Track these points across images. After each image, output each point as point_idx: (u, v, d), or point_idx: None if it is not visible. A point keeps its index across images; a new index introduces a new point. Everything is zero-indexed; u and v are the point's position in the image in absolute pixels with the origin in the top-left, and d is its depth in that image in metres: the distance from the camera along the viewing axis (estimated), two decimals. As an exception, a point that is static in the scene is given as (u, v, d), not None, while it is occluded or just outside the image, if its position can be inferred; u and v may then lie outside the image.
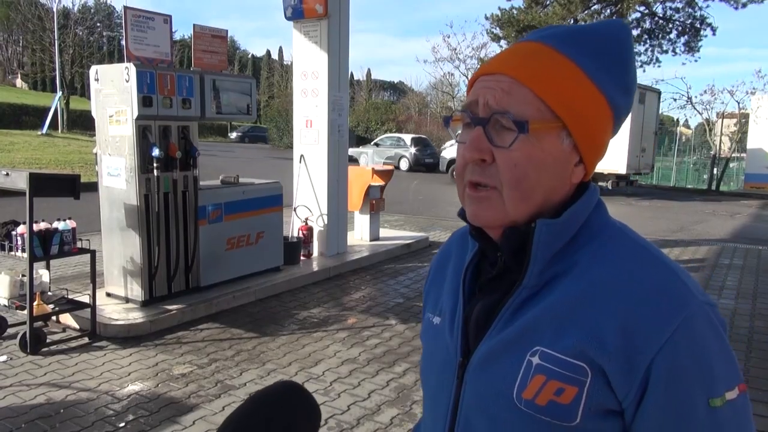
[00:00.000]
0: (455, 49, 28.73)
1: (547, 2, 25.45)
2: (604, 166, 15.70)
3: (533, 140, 0.75)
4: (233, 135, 43.78)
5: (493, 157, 0.76)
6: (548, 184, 0.77)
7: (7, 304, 4.28)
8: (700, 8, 24.41)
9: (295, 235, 6.62)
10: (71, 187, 4.14)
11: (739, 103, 20.46)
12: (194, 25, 5.23)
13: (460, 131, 0.84)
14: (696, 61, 25.01)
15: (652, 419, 0.71)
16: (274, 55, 73.61)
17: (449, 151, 20.14)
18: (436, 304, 0.94)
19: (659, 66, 26.69)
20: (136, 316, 4.57)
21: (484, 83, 0.79)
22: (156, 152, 4.56)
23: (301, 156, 6.77)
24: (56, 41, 29.63)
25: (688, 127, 33.85)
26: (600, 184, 16.83)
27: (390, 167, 8.53)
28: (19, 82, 58.24)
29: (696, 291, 0.74)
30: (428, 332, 0.94)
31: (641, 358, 0.70)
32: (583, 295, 0.75)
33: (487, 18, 26.45)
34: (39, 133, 24.16)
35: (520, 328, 0.77)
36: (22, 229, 4.13)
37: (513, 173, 0.76)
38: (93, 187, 5.18)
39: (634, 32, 26.30)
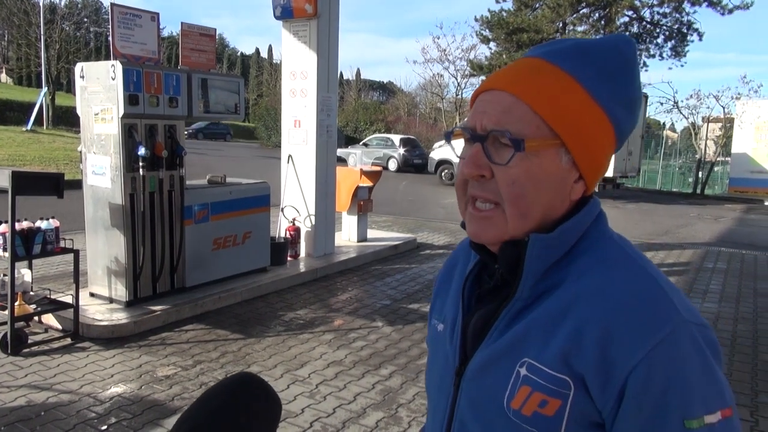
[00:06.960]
0: (445, 51, 28.71)
1: (536, 5, 25.59)
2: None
3: (531, 157, 0.76)
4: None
5: (492, 173, 0.78)
6: (547, 201, 0.79)
7: (-13, 304, 4.22)
8: (687, 14, 24.72)
9: (282, 235, 6.59)
10: (55, 186, 4.09)
11: (724, 108, 20.69)
12: (182, 23, 5.18)
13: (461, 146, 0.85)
14: (682, 65, 25.39)
15: None
16: (264, 54, 73.34)
17: (438, 152, 20.15)
18: (441, 310, 0.96)
19: (646, 70, 26.93)
20: (120, 317, 4.52)
21: (485, 99, 0.80)
22: (142, 151, 4.51)
23: (289, 156, 6.74)
24: (42, 36, 29.16)
25: (674, 130, 34.18)
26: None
27: (378, 168, 8.52)
28: (4, 77, 57.49)
29: (683, 309, 0.73)
30: (432, 338, 0.97)
31: (617, 371, 0.70)
32: (568, 305, 0.75)
33: (476, 20, 26.55)
34: (24, 129, 23.84)
35: (512, 338, 0.79)
36: (3, 228, 4.06)
37: (511, 190, 0.77)
38: (77, 184, 5.12)
39: (622, 36, 26.49)
